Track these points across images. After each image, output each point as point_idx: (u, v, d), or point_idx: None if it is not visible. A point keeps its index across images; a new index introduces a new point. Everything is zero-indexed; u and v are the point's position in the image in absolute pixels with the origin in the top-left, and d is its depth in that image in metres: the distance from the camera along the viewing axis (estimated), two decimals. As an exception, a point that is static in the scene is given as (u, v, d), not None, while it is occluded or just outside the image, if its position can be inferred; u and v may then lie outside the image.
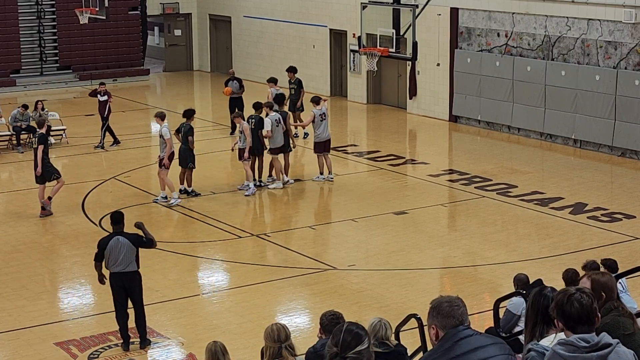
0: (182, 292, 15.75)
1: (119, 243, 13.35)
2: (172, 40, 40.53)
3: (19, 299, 15.41)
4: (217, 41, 39.59)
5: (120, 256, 13.32)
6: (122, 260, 13.33)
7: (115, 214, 13.82)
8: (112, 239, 13.44)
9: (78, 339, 13.79)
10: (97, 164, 24.20)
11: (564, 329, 5.59)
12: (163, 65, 40.53)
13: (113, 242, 13.38)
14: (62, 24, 36.85)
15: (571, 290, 5.61)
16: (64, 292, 16.07)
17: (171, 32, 40.55)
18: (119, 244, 13.35)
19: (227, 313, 15.02)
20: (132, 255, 13.40)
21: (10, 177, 23.72)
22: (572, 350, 5.34)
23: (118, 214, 13.82)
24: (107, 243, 13.40)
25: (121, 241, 13.37)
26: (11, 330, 14.17)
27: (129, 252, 13.36)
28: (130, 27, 38.28)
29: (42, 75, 36.74)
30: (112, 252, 13.33)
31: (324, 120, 22.31)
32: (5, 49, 35.97)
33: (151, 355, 13.26)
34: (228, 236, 18.66)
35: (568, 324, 5.56)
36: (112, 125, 26.04)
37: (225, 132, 27.19)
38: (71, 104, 33.39)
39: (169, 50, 40.51)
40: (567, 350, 5.34)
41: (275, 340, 8.46)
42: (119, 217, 13.71)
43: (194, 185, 21.46)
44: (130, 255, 13.37)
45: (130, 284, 13.43)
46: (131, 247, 13.37)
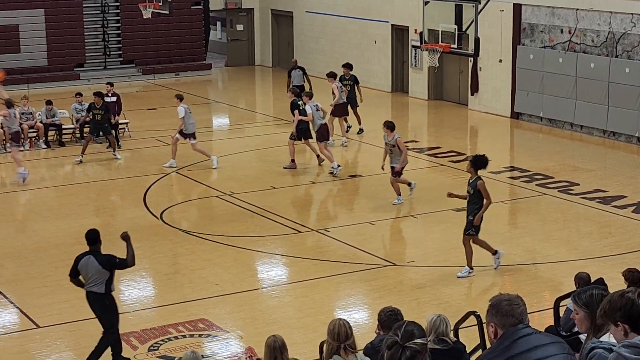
0: (242, 286, 15.82)
1: (89, 262, 12.74)
2: (234, 35, 40.70)
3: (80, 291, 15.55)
4: (278, 36, 39.68)
5: (89, 275, 12.74)
6: (91, 281, 12.75)
7: (90, 233, 12.97)
8: (84, 257, 12.82)
9: (138, 330, 13.91)
10: (159, 157, 24.36)
11: (626, 330, 5.49)
12: (225, 60, 40.72)
13: (84, 260, 12.78)
14: (125, 18, 37.20)
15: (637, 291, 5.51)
16: (125, 284, 16.20)
17: (233, 27, 40.73)
18: (88, 263, 12.74)
19: (286, 307, 15.07)
20: (102, 277, 12.72)
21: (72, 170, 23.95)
22: (637, 353, 5.24)
23: (92, 232, 12.98)
24: (80, 260, 12.83)
25: (91, 261, 12.72)
26: (72, 321, 14.33)
27: (97, 273, 12.69)
28: (192, 22, 38.54)
29: (105, 69, 37.13)
30: (83, 270, 12.81)
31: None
32: (70, 43, 36.41)
33: (210, 349, 13.33)
34: (288, 231, 18.70)
35: (634, 326, 5.45)
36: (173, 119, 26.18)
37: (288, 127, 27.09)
38: (133, 98, 33.68)
39: (231, 45, 40.69)
40: (633, 352, 5.24)
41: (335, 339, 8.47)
42: (93, 237, 12.93)
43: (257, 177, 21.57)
44: (99, 276, 12.72)
45: (95, 305, 12.88)
46: (100, 269, 12.72)
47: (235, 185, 21.73)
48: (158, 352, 13.19)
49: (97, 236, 12.94)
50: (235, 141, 26.89)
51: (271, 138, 26.24)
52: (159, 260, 17.30)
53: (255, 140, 26.39)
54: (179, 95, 23.93)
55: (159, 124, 28.37)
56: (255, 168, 23.32)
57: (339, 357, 8.42)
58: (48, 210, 20.52)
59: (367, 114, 27.01)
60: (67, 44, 36.45)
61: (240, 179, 22.29)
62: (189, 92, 34.06)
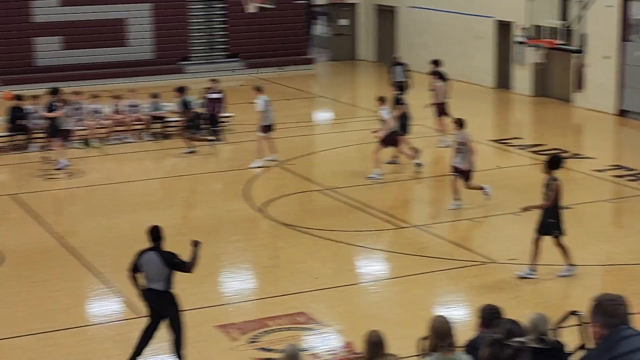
0: (341, 281, 15.85)
1: (150, 259, 12.54)
2: (338, 30, 40.79)
3: (182, 282, 15.74)
4: (381, 31, 39.63)
5: (150, 272, 12.53)
6: (151, 277, 12.55)
7: (154, 230, 12.72)
8: (146, 253, 12.60)
9: (238, 322, 14.04)
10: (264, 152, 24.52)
11: None
12: (328, 55, 40.83)
13: (146, 256, 12.55)
14: (231, 12, 37.56)
15: None
16: (226, 276, 16.39)
17: (337, 21, 40.82)
18: (150, 260, 12.54)
19: (385, 303, 15.06)
20: (163, 274, 12.52)
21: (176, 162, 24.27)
22: None
23: (156, 229, 12.72)
24: (141, 256, 12.61)
25: (153, 258, 12.52)
26: (175, 311, 14.52)
27: (158, 270, 12.48)
28: (296, 17, 38.74)
29: (210, 63, 37.54)
30: (144, 267, 12.57)
31: None
32: (175, 37, 36.92)
33: (309, 342, 13.39)
34: (388, 226, 18.68)
35: None
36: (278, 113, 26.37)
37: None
38: (237, 92, 33.99)
39: (334, 39, 40.78)
40: None
41: (437, 336, 8.44)
42: (157, 234, 12.67)
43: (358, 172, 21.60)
44: (160, 273, 12.51)
45: (155, 302, 12.66)
46: (161, 266, 12.52)
47: (336, 180, 21.77)
48: (257, 344, 13.29)
49: (160, 233, 12.70)
50: (337, 136, 26.95)
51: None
52: (259, 253, 17.44)
53: (356, 135, 26.40)
54: (258, 86, 23.91)
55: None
56: (356, 163, 23.30)
57: (439, 355, 8.38)
58: (152, 202, 20.85)
59: (468, 110, 26.80)
60: (173, 38, 36.98)
61: (341, 174, 22.33)
62: (292, 86, 34.28)
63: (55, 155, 23.52)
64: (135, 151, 24.42)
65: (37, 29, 35.35)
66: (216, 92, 26.49)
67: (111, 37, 36.16)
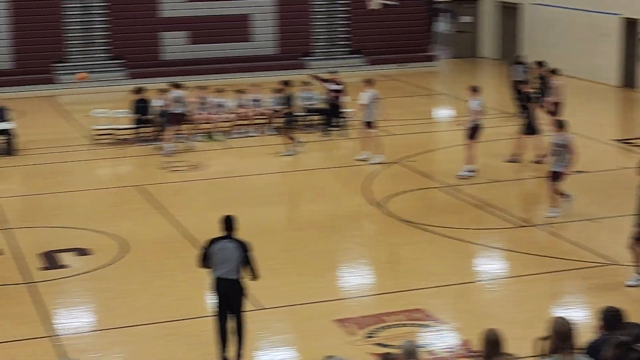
0: (459, 278, 15.80)
1: (224, 247, 12.46)
2: (460, 27, 40.55)
3: (302, 275, 15.96)
4: (505, 28, 39.25)
5: (224, 260, 12.42)
6: (224, 266, 12.42)
7: (228, 219, 12.61)
8: (218, 242, 12.53)
9: (356, 317, 14.11)
10: (382, 147, 24.57)
11: None
12: (450, 52, 40.63)
13: (219, 245, 12.48)
14: (353, 9, 37.69)
15: None
16: (344, 270, 16.48)
17: (459, 18, 40.57)
18: (224, 248, 12.45)
19: (504, 302, 14.95)
20: (236, 262, 12.45)
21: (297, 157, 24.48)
22: None
23: (231, 218, 12.63)
24: (213, 245, 12.52)
25: (227, 246, 12.46)
26: (292, 304, 14.69)
27: (233, 258, 12.43)
28: (419, 14, 38.66)
29: (332, 59, 37.72)
30: (217, 255, 12.46)
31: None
32: (298, 32, 37.22)
33: (426, 339, 13.38)
34: (507, 225, 18.53)
35: None
36: (397, 110, 26.39)
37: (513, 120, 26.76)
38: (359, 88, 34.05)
39: (456, 36, 40.56)
40: None
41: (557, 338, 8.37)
42: (231, 223, 12.57)
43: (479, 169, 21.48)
44: (234, 261, 12.44)
45: (228, 291, 12.54)
46: (236, 254, 12.44)
47: (455, 177, 21.66)
48: (374, 339, 13.35)
49: (234, 224, 12.60)
50: (458, 133, 26.81)
51: (495, 131, 25.99)
52: (378, 248, 17.50)
53: (478, 133, 26.20)
54: (369, 79, 23.88)
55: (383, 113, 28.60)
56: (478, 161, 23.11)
57: (559, 357, 8.31)
58: (272, 196, 21.09)
59: (591, 109, 26.38)
60: (295, 34, 37.29)
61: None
62: (413, 83, 34.22)
63: (167, 141, 24.08)
64: (257, 145, 24.72)
65: (164, 23, 36.06)
66: (336, 84, 26.61)
67: (235, 33, 36.67)
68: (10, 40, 34.60)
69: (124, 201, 20.71)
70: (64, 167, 23.81)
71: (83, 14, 35.56)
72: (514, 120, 25.97)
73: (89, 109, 28.13)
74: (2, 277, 16.09)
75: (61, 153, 24.98)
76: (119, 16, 35.73)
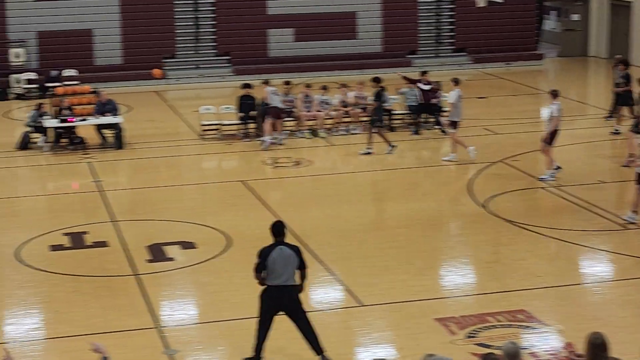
0: (564, 280, 15.60)
1: (283, 253, 12.29)
2: (568, 25, 40.00)
3: (404, 273, 15.94)
4: (615, 27, 38.57)
5: (283, 267, 12.26)
6: (284, 272, 12.26)
7: (278, 225, 12.53)
8: (274, 249, 12.31)
9: (457, 316, 14.04)
10: (486, 146, 24.42)
11: None
12: (557, 50, 40.10)
13: (276, 252, 12.27)
14: (459, 7, 37.49)
15: None
16: (446, 269, 16.41)
17: (568, 16, 40.02)
18: (282, 254, 12.29)
19: (610, 305, 14.71)
20: (294, 268, 12.33)
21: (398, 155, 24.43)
22: None
23: (281, 224, 12.57)
24: (271, 253, 12.28)
25: (285, 251, 12.31)
26: (394, 302, 14.68)
27: (292, 263, 12.31)
28: (526, 11, 38.24)
29: (437, 57, 37.58)
30: (276, 263, 12.25)
31: None
32: (404, 30, 37.16)
33: (529, 340, 13.26)
34: (614, 227, 18.22)
35: None
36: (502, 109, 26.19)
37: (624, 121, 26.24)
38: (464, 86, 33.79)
39: (564, 35, 40.01)
40: None
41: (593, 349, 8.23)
42: (281, 229, 12.48)
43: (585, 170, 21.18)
44: (292, 267, 12.31)
45: (290, 298, 12.39)
46: (294, 258, 12.33)
47: (561, 178, 21.40)
48: (476, 339, 13.27)
49: (285, 229, 12.54)
50: (564, 133, 26.45)
51: (603, 132, 25.62)
52: (481, 248, 17.38)
53: (585, 133, 25.86)
54: (456, 78, 23.90)
55: (488, 113, 28.45)
56: (584, 161, 22.81)
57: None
58: (375, 193, 21.12)
59: None
60: (401, 31, 37.22)
61: (567, 172, 21.91)
62: (519, 81, 33.88)
63: (266, 132, 24.58)
64: (361, 142, 24.71)
65: (271, 20, 36.34)
66: (427, 84, 26.48)
67: (342, 30, 36.76)
68: (121, 36, 35.24)
69: (228, 196, 20.95)
70: (171, 162, 24.19)
71: (193, 10, 36.03)
72: (620, 121, 25.56)
73: (196, 104, 28.53)
74: (110, 269, 16.43)
75: (168, 147, 25.38)
76: (226, 13, 36.12)
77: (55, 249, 17.49)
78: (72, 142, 25.24)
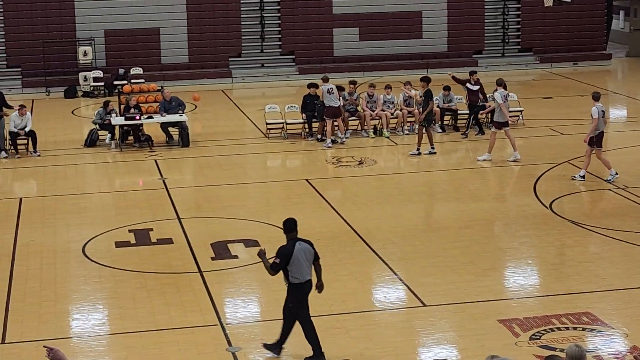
0: (631, 283, 15.40)
1: (303, 249, 12.42)
2: (637, 25, 39.50)
3: (467, 274, 15.86)
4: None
5: (306, 262, 12.43)
6: (305, 267, 12.43)
7: (287, 222, 12.65)
8: (297, 244, 12.44)
9: (521, 318, 13.94)
10: (553, 147, 24.22)
11: None
12: (626, 50, 39.62)
13: (298, 249, 12.40)
14: (526, 5, 37.22)
15: None
16: (510, 270, 16.30)
17: (637, 16, 39.51)
18: (304, 250, 12.42)
19: (676, 309, 14.52)
20: (311, 263, 12.54)
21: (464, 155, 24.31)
22: None
23: (294, 220, 12.66)
24: (294, 250, 12.37)
25: (305, 247, 12.44)
26: (458, 302, 14.62)
27: (310, 258, 12.51)
28: (594, 11, 37.84)
29: (503, 56, 37.34)
30: (299, 259, 12.37)
31: None
32: (469, 30, 36.98)
33: (593, 343, 13.13)
34: (683, 230, 17.98)
35: None
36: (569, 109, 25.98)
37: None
38: (530, 86, 33.68)
39: (633, 34, 39.51)
40: None
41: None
42: (294, 225, 12.59)
43: None
44: (310, 261, 12.52)
45: (308, 293, 12.60)
46: (313, 253, 12.51)
47: (630, 180, 21.15)
48: (540, 341, 13.16)
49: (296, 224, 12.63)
50: (632, 134, 26.16)
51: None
52: (546, 249, 17.23)
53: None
54: (500, 79, 23.95)
55: (554, 113, 28.20)
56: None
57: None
58: (440, 193, 21.04)
59: None
60: (467, 31, 37.04)
61: (636, 174, 21.66)
62: (586, 82, 33.52)
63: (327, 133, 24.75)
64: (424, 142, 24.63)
65: (336, 20, 36.36)
66: (475, 84, 26.29)
67: (407, 29, 36.67)
68: (188, 34, 35.50)
69: (292, 194, 21.01)
70: (235, 160, 24.32)
71: (259, 9, 36.17)
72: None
73: (261, 103, 28.63)
74: (174, 266, 16.57)
75: (233, 146, 25.52)
76: (291, 12, 36.21)
77: (120, 246, 17.69)
78: (139, 139, 25.50)
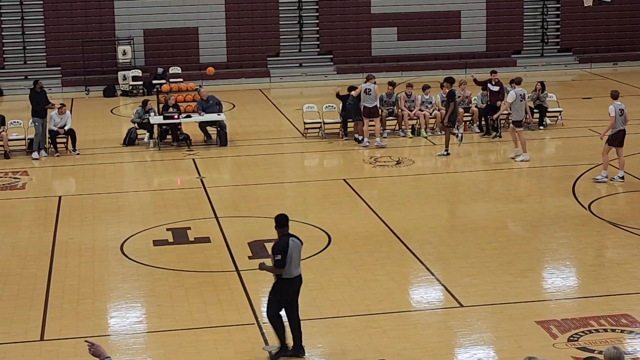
0: (669, 285, 15.30)
1: (297, 244, 12.59)
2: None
3: (505, 274, 15.80)
4: None
5: (298, 257, 12.64)
6: (297, 263, 12.63)
7: (281, 216, 12.72)
8: (291, 239, 12.58)
9: (559, 319, 13.86)
10: (591, 147, 24.05)
11: None
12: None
13: (293, 243, 12.55)
14: (566, 5, 37.03)
15: None
16: (549, 271, 16.21)
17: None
18: (297, 245, 12.59)
19: None
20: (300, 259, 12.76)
21: (502, 155, 24.22)
22: None
23: (285, 216, 12.74)
24: (290, 245, 12.51)
25: (297, 243, 12.62)
26: (496, 303, 14.56)
27: (300, 255, 12.72)
28: (635, 11, 37.56)
29: (542, 56, 37.16)
30: (294, 254, 12.54)
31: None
32: (508, 29, 36.85)
33: (632, 346, 13.03)
34: None
35: None
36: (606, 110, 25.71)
37: None
38: (569, 87, 33.50)
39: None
40: None
41: None
42: (286, 220, 12.69)
43: None
44: (300, 258, 12.73)
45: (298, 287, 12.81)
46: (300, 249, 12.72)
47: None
48: (577, 343, 13.08)
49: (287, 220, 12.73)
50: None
51: None
52: (585, 251, 17.12)
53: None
54: (516, 78, 24.05)
55: (593, 114, 28.01)
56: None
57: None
58: (477, 193, 20.96)
59: None
60: (506, 31, 36.89)
61: (675, 175, 21.52)
62: (626, 82, 33.27)
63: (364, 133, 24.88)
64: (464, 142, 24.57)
65: (374, 19, 36.34)
66: (496, 84, 26.13)
67: (445, 29, 36.59)
68: (226, 34, 35.61)
69: (329, 194, 21.02)
70: (273, 159, 24.37)
71: (297, 9, 36.22)
72: None
73: (299, 102, 28.67)
74: (212, 265, 16.63)
75: (271, 145, 25.58)
76: (329, 12, 36.24)
77: (158, 244, 17.78)
78: (177, 138, 25.62)
